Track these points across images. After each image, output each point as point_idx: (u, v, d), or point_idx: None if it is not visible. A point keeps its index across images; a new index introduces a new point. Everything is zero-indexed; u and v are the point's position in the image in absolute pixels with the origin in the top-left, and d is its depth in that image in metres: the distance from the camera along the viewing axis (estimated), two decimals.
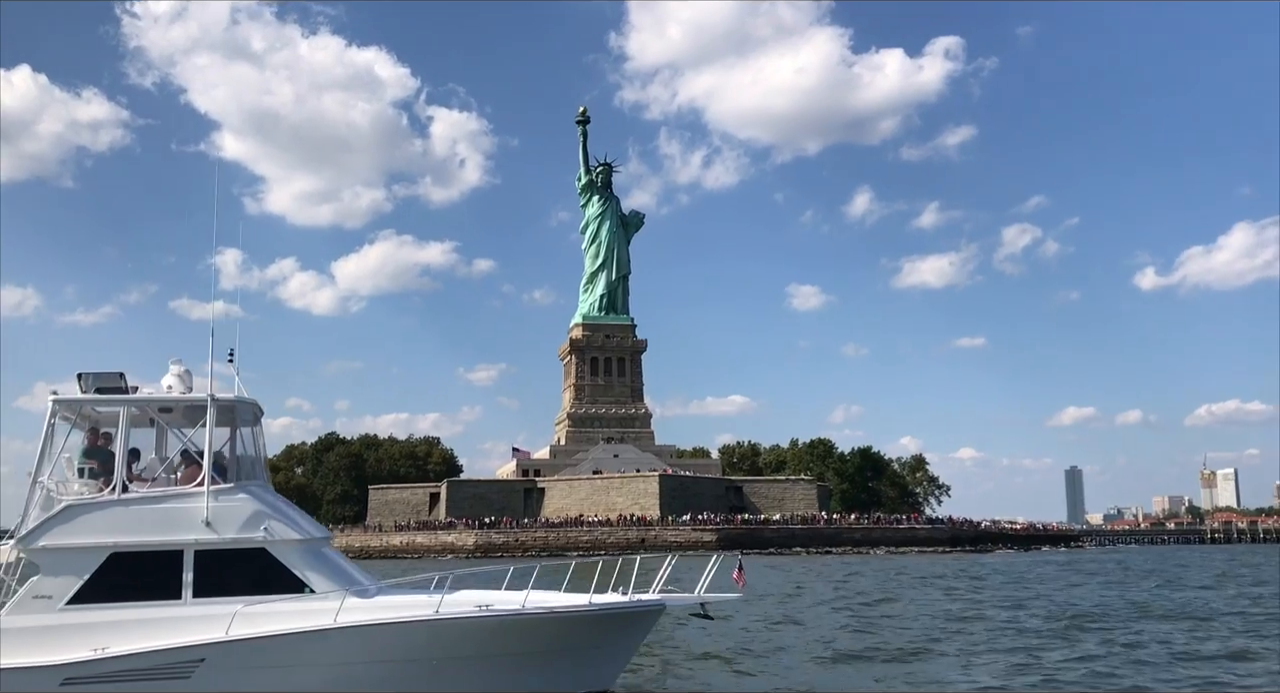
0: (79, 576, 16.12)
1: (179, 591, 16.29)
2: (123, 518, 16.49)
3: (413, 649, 16.31)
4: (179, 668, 15.70)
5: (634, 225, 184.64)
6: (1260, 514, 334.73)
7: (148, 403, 17.57)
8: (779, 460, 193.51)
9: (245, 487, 17.15)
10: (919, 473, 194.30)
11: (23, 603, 16.06)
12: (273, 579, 16.51)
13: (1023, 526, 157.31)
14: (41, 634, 15.77)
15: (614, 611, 17.33)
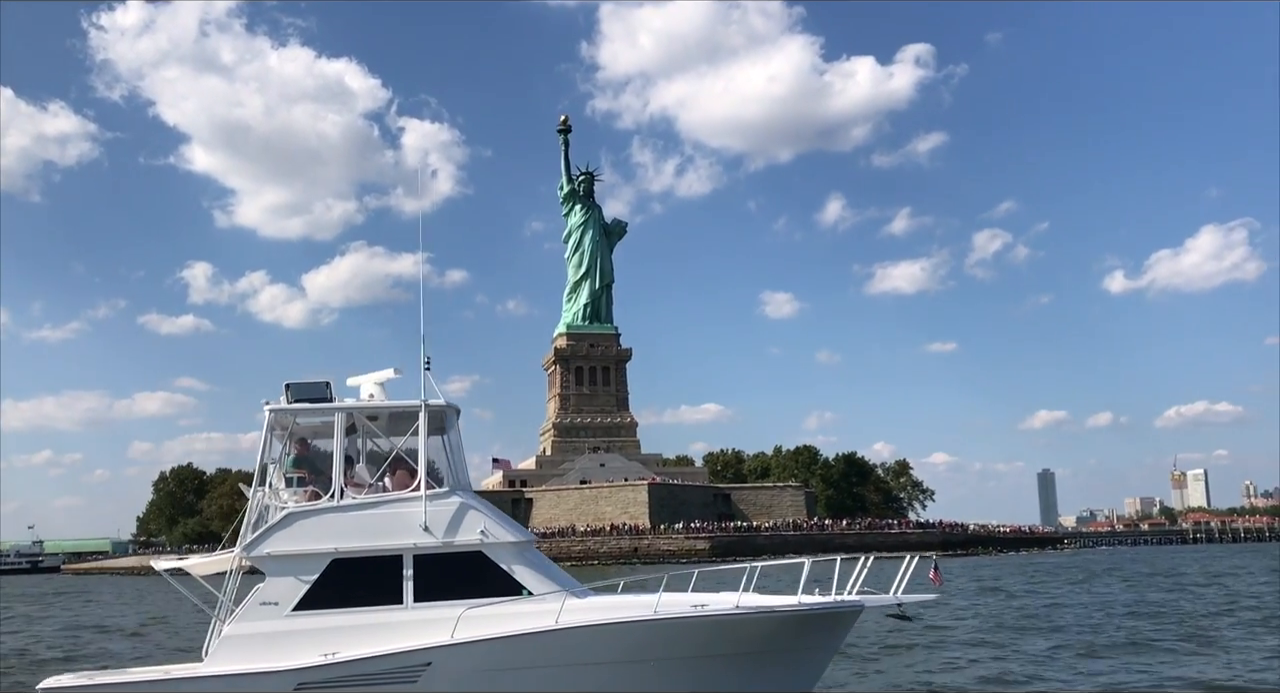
0: (303, 582, 16.27)
1: (400, 595, 16.34)
2: (342, 524, 16.59)
3: (633, 650, 16.29)
4: (407, 672, 15.75)
5: (616, 234, 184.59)
6: (1232, 514, 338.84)
7: (362, 411, 17.55)
8: (763, 467, 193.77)
9: (458, 491, 17.10)
10: (903, 478, 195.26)
11: (251, 609, 16.26)
12: (491, 582, 16.51)
13: (1011, 529, 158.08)
14: (271, 640, 15.93)
15: (824, 611, 17.20)
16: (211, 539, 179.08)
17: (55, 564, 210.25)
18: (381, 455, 18.08)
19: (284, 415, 17.36)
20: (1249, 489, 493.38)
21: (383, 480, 17.46)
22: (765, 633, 16.96)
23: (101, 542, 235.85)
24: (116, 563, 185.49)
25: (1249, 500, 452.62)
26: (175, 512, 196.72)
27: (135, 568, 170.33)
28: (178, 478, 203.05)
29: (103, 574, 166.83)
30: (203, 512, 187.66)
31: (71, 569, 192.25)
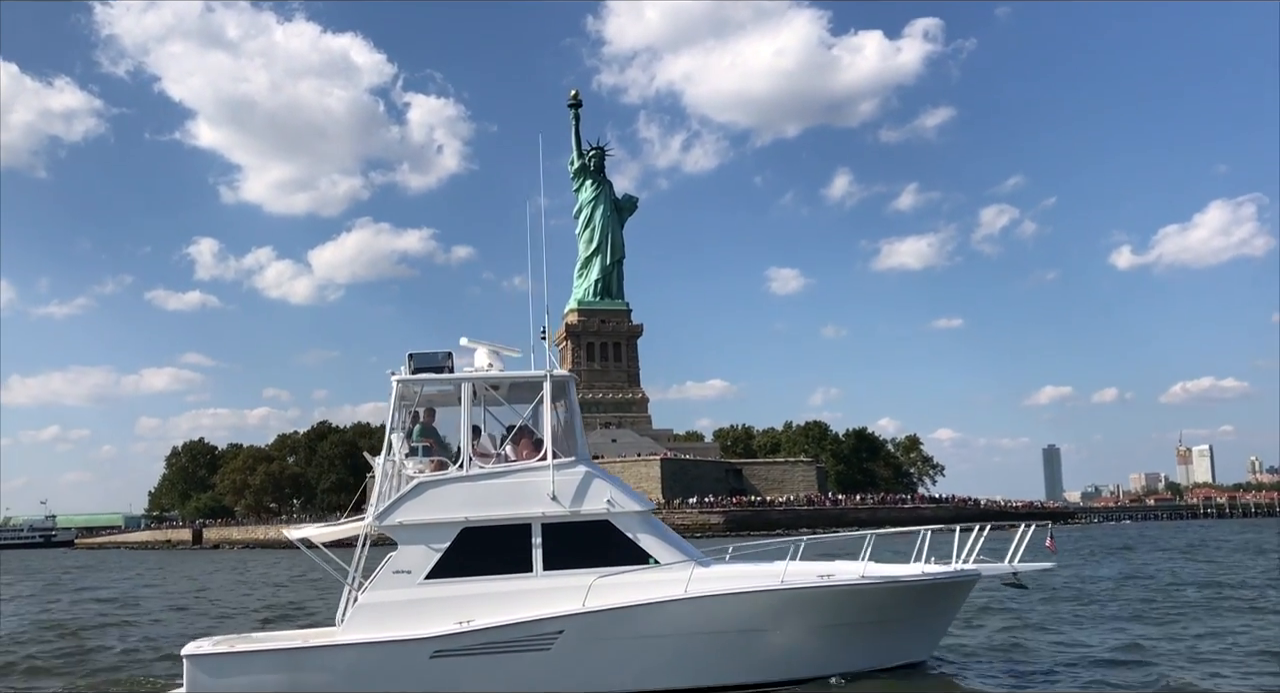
0: (434, 550, 16.53)
1: (529, 563, 16.60)
2: (472, 494, 16.83)
3: (761, 619, 16.53)
4: (540, 640, 16.00)
5: (627, 209, 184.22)
6: (1238, 490, 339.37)
7: (486, 380, 17.70)
8: (773, 443, 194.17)
9: (583, 460, 17.27)
10: (913, 453, 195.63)
11: (385, 578, 16.52)
12: (618, 551, 16.77)
13: (1023, 504, 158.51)
14: (405, 608, 16.20)
15: (948, 580, 17.49)
16: (225, 514, 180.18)
17: (68, 538, 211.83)
18: (502, 425, 18.30)
19: (410, 386, 17.47)
20: (1254, 465, 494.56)
21: (504, 449, 17.65)
22: (890, 602, 17.21)
23: (114, 516, 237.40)
24: (131, 537, 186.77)
25: (1254, 477, 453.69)
26: (188, 486, 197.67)
27: (149, 542, 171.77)
28: (190, 453, 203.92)
29: (117, 548, 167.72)
30: (215, 486, 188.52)
31: (85, 544, 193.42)
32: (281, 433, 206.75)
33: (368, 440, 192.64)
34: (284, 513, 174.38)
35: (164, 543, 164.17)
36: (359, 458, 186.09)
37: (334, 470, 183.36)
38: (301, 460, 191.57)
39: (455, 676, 15.73)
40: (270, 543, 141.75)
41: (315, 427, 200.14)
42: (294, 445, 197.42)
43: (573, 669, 15.99)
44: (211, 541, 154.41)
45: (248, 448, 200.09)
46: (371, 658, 15.84)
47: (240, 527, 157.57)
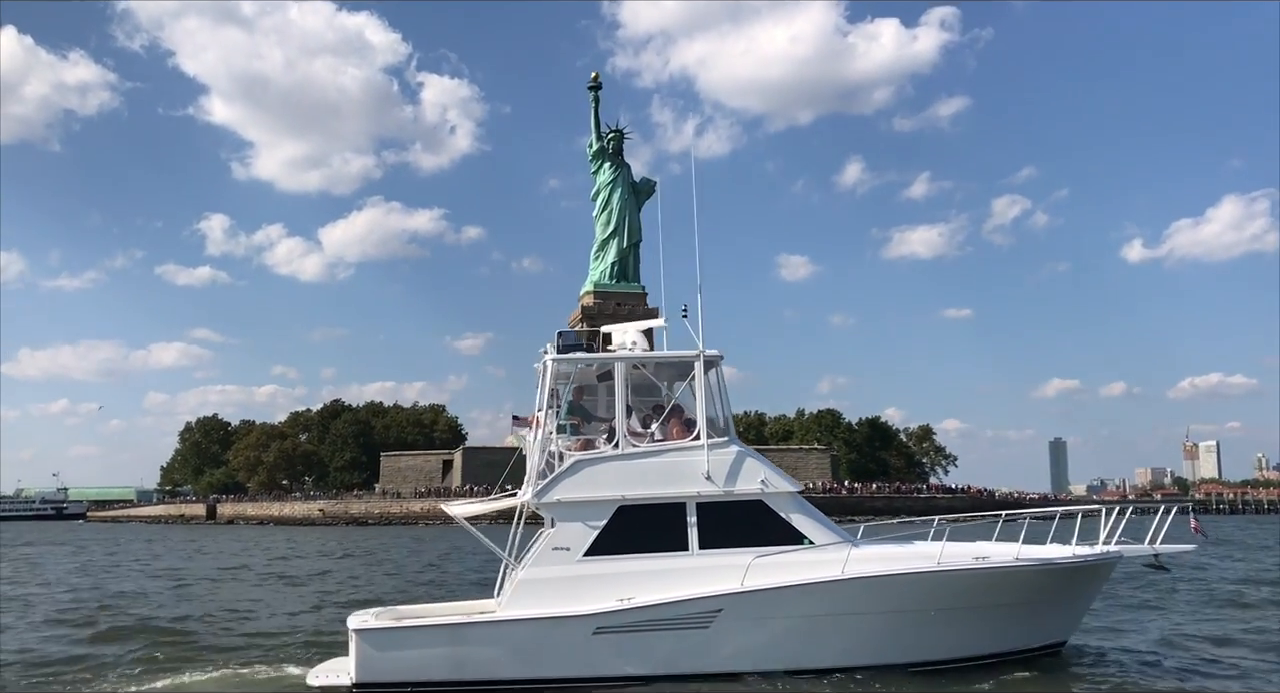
0: (592, 528, 16.77)
1: (685, 542, 16.78)
2: (628, 472, 17.04)
3: (917, 599, 16.63)
4: (699, 618, 16.17)
5: (645, 193, 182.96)
6: (1245, 485, 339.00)
7: (638, 360, 17.92)
8: (785, 430, 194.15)
9: (736, 440, 17.30)
10: (925, 443, 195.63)
11: (544, 554, 16.80)
12: (772, 531, 16.92)
13: (1039, 495, 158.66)
14: (564, 584, 16.48)
15: (1097, 561, 17.62)
16: (238, 490, 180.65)
17: (79, 511, 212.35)
18: (649, 404, 18.35)
19: (563, 364, 17.55)
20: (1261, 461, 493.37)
21: (650, 427, 17.69)
22: (1044, 583, 17.29)
23: (126, 490, 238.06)
24: (145, 511, 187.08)
25: (1261, 473, 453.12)
26: (201, 462, 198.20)
27: (163, 516, 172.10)
28: (203, 428, 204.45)
29: (131, 522, 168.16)
30: (229, 462, 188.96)
31: (98, 517, 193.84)
32: (294, 410, 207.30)
33: (380, 419, 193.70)
34: (296, 490, 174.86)
35: (178, 517, 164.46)
36: (371, 436, 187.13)
37: (347, 448, 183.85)
38: (314, 438, 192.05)
39: (616, 651, 15.94)
40: (285, 519, 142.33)
41: (328, 404, 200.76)
42: (307, 423, 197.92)
43: (731, 647, 16.16)
44: (226, 516, 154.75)
45: (261, 425, 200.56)
46: (535, 633, 16.05)
47: (255, 503, 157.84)
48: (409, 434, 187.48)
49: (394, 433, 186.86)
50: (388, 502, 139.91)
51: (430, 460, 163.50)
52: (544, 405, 17.59)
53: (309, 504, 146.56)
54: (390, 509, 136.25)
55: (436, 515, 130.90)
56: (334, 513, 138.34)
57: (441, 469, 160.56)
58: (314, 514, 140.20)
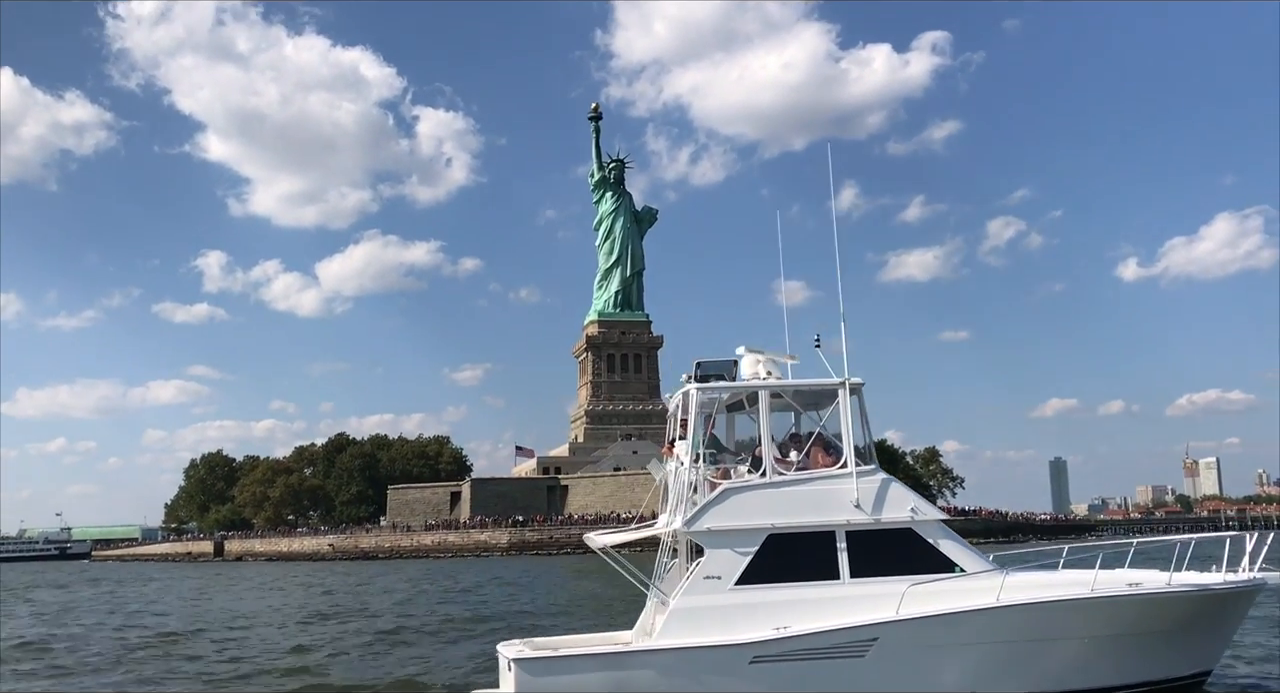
0: (743, 557, 16.59)
1: (836, 570, 16.65)
2: (777, 501, 16.90)
3: (1072, 627, 16.54)
4: (855, 647, 16.04)
5: (647, 221, 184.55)
6: (1248, 502, 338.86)
7: (783, 388, 17.82)
8: None
9: (881, 469, 17.29)
10: (932, 465, 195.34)
11: (696, 583, 16.59)
12: (922, 559, 16.80)
13: (1049, 517, 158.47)
14: (717, 613, 16.32)
15: (1251, 588, 17.46)
16: (244, 526, 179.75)
17: (84, 551, 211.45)
18: (784, 433, 18.31)
19: (705, 393, 17.57)
20: (1262, 477, 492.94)
21: (788, 455, 17.66)
22: (1198, 610, 17.14)
23: (130, 528, 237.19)
24: (151, 549, 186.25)
25: (1261, 489, 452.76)
26: (206, 499, 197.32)
27: (170, 554, 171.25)
28: (208, 465, 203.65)
29: (138, 561, 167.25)
30: (235, 499, 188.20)
31: (103, 556, 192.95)
32: (298, 445, 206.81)
33: (386, 452, 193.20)
34: (302, 525, 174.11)
35: (185, 555, 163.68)
36: (377, 469, 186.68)
37: (353, 482, 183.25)
38: (319, 472, 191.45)
39: (772, 681, 15.85)
40: (294, 555, 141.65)
41: (333, 439, 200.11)
42: (311, 457, 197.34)
43: (887, 676, 16.06)
44: (234, 553, 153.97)
45: (266, 460, 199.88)
46: (692, 662, 16.01)
47: (263, 539, 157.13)
48: (414, 467, 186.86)
49: (399, 466, 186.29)
50: (398, 535, 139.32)
51: (438, 493, 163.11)
52: (687, 435, 17.49)
53: (318, 539, 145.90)
54: (400, 543, 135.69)
55: (447, 549, 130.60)
56: (344, 548, 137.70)
57: (450, 501, 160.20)
58: (324, 549, 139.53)
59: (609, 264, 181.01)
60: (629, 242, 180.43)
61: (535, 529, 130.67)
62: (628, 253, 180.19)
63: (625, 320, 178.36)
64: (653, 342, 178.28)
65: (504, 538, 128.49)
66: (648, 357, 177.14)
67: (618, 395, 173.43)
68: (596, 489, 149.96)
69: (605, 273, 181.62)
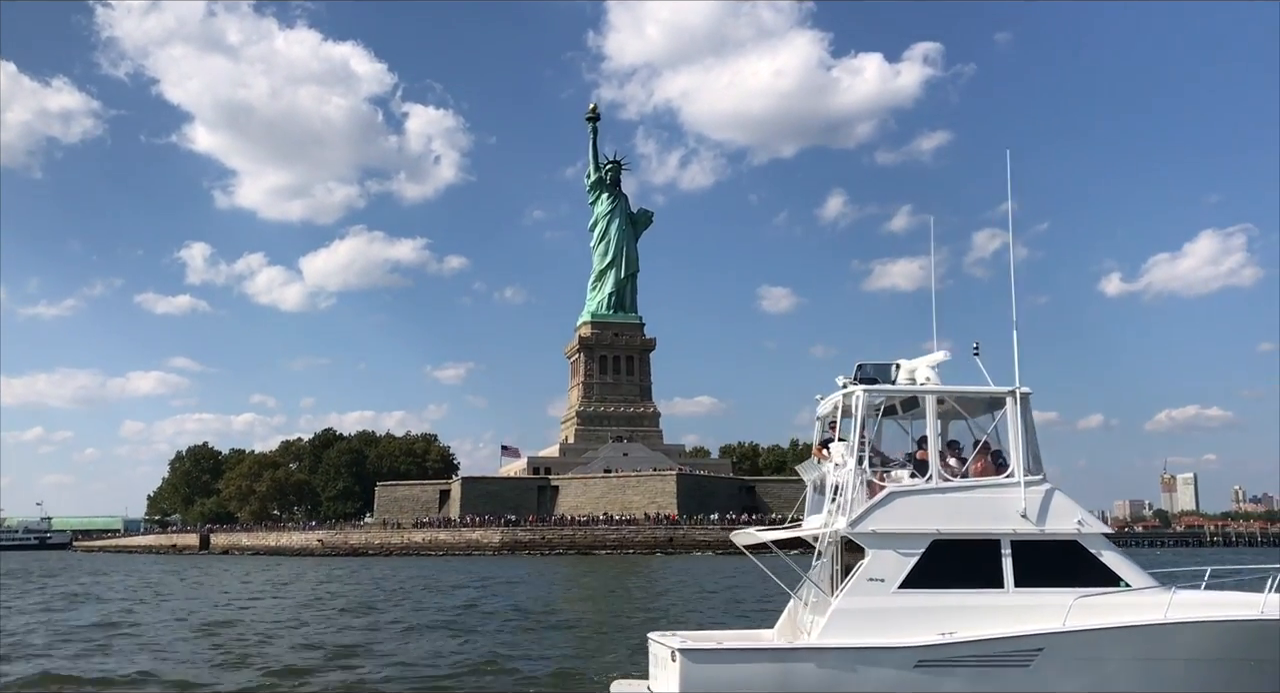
0: (907, 560, 16.50)
1: (1000, 579, 16.53)
2: (942, 507, 16.81)
3: (1240, 648, 16.39)
4: (1020, 656, 15.92)
5: (642, 223, 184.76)
6: (1225, 518, 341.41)
7: (950, 394, 17.74)
8: (778, 461, 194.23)
9: (1049, 479, 17.15)
10: None
11: (859, 585, 16.49)
12: (1087, 572, 16.67)
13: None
14: (880, 616, 16.22)
15: None
16: (228, 520, 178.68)
17: (64, 541, 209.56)
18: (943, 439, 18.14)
19: (872, 396, 17.48)
20: (1238, 494, 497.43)
21: (952, 462, 17.52)
22: None
23: (111, 519, 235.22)
24: (135, 541, 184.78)
25: (1238, 505, 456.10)
26: (191, 491, 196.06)
27: (154, 546, 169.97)
28: (194, 457, 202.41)
29: (122, 553, 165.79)
30: (220, 492, 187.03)
31: (83, 547, 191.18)
32: (285, 439, 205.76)
33: (373, 449, 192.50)
34: (288, 520, 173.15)
35: (169, 548, 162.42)
36: (364, 466, 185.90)
37: (340, 478, 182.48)
38: (305, 468, 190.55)
39: (936, 684, 15.83)
40: (282, 550, 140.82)
41: (320, 434, 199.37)
42: (298, 452, 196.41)
43: (1051, 687, 15.94)
44: (220, 547, 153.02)
45: (252, 454, 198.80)
46: (857, 662, 15.94)
47: (250, 533, 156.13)
48: (402, 464, 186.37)
49: (386, 463, 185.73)
50: (388, 533, 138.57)
51: (427, 491, 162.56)
52: (857, 437, 17.28)
53: (307, 535, 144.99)
54: (391, 540, 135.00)
55: (439, 547, 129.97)
56: (333, 544, 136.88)
57: (439, 499, 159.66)
58: (313, 545, 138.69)
59: (603, 265, 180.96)
60: (624, 244, 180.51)
61: (528, 529, 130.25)
62: (622, 255, 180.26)
63: (619, 322, 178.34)
64: (645, 344, 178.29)
65: (496, 537, 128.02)
66: (640, 359, 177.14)
67: (609, 397, 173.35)
68: (587, 490, 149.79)
69: (599, 274, 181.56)
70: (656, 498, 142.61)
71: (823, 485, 17.96)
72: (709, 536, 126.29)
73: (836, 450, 17.54)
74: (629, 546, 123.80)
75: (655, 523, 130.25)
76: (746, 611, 40.46)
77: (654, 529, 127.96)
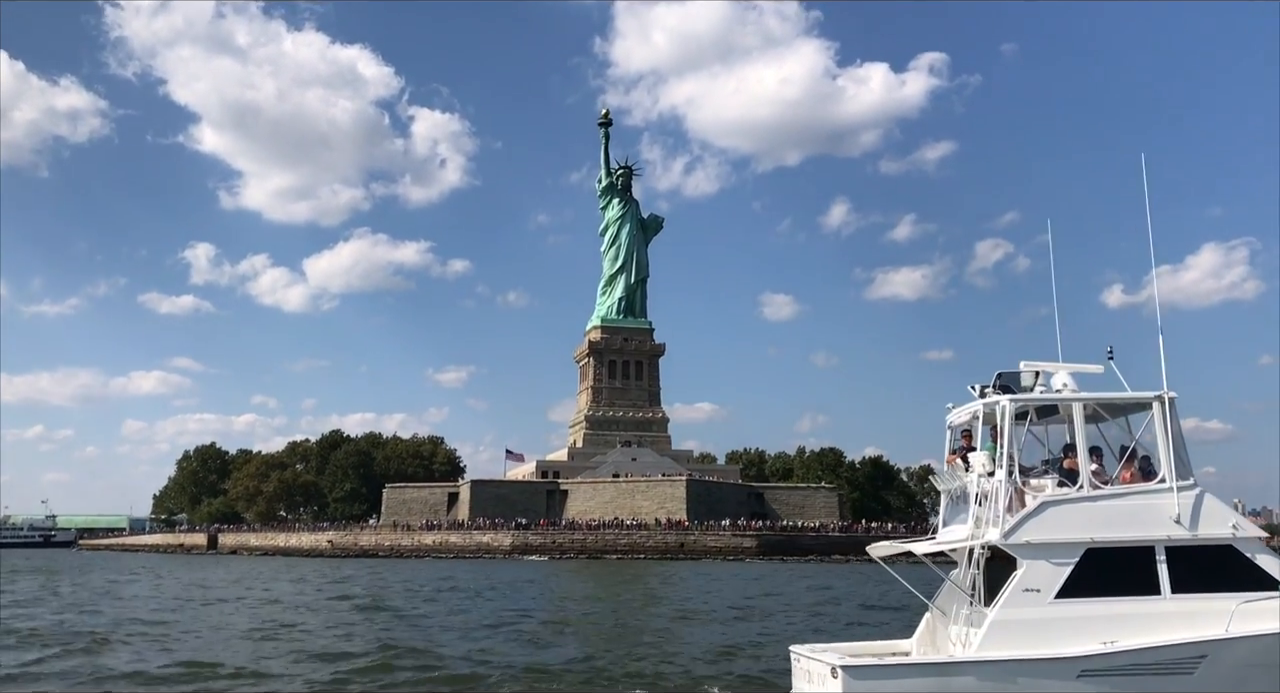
0: (1062, 570, 16.54)
1: (1156, 586, 16.56)
2: (1094, 515, 16.87)
3: None
4: (1183, 664, 15.93)
5: (653, 228, 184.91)
6: None
7: (1098, 401, 17.86)
8: (785, 468, 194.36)
9: (1200, 483, 17.26)
10: (926, 483, 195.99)
11: (1015, 596, 16.52)
12: (1245, 576, 16.67)
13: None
14: (1039, 627, 16.28)
15: None
16: (235, 520, 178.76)
17: (68, 539, 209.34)
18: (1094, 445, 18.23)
19: (1018, 404, 17.54)
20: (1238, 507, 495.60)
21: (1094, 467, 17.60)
22: None
23: (117, 518, 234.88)
24: (141, 540, 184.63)
25: None
26: (198, 491, 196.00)
27: (162, 546, 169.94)
28: (201, 457, 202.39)
29: (129, 552, 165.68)
30: (228, 492, 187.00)
31: (89, 545, 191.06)
32: (292, 440, 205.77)
33: (380, 450, 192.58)
34: (297, 521, 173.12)
35: (177, 547, 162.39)
36: (371, 467, 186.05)
37: (347, 480, 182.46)
38: (312, 469, 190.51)
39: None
40: (291, 550, 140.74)
41: (327, 435, 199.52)
42: (305, 453, 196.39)
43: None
44: (228, 547, 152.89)
45: (260, 454, 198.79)
46: (1019, 674, 15.99)
47: (258, 533, 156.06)
48: (409, 466, 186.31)
49: (394, 465, 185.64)
50: (399, 534, 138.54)
51: (435, 493, 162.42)
52: (1003, 446, 17.35)
53: (317, 536, 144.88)
54: (401, 542, 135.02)
55: (449, 549, 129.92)
56: (344, 545, 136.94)
57: (447, 502, 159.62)
58: (323, 546, 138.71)
59: (614, 270, 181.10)
60: (634, 249, 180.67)
61: (538, 533, 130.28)
62: (633, 260, 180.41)
63: (629, 327, 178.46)
64: (655, 349, 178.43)
65: (507, 540, 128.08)
66: (649, 364, 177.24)
67: (618, 402, 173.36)
68: (597, 495, 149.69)
69: (610, 279, 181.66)
70: (666, 504, 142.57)
71: (961, 496, 18.07)
72: (720, 542, 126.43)
73: (977, 460, 17.64)
74: (640, 551, 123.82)
75: (667, 529, 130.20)
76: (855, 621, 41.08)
77: (665, 535, 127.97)
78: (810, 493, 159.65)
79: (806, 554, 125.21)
